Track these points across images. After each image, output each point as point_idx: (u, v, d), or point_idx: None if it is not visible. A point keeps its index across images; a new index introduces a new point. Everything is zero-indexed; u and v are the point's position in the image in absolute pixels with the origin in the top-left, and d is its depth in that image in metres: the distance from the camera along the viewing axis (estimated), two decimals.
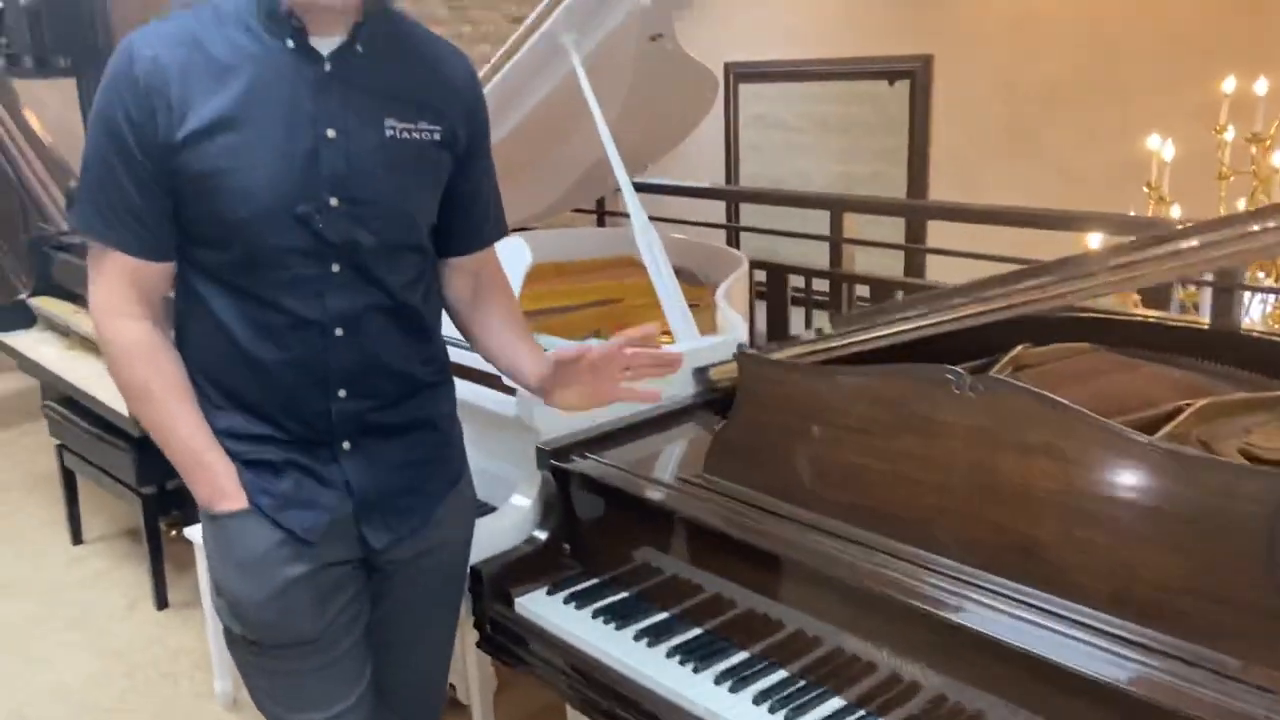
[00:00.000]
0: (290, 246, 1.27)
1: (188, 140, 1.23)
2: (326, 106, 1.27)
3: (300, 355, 1.31)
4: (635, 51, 2.47)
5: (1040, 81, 5.49)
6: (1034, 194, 5.57)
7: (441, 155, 1.37)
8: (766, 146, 7.00)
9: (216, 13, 1.27)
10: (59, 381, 3.18)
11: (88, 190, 1.28)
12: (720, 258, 2.99)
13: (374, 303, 1.33)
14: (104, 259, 1.29)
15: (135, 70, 1.23)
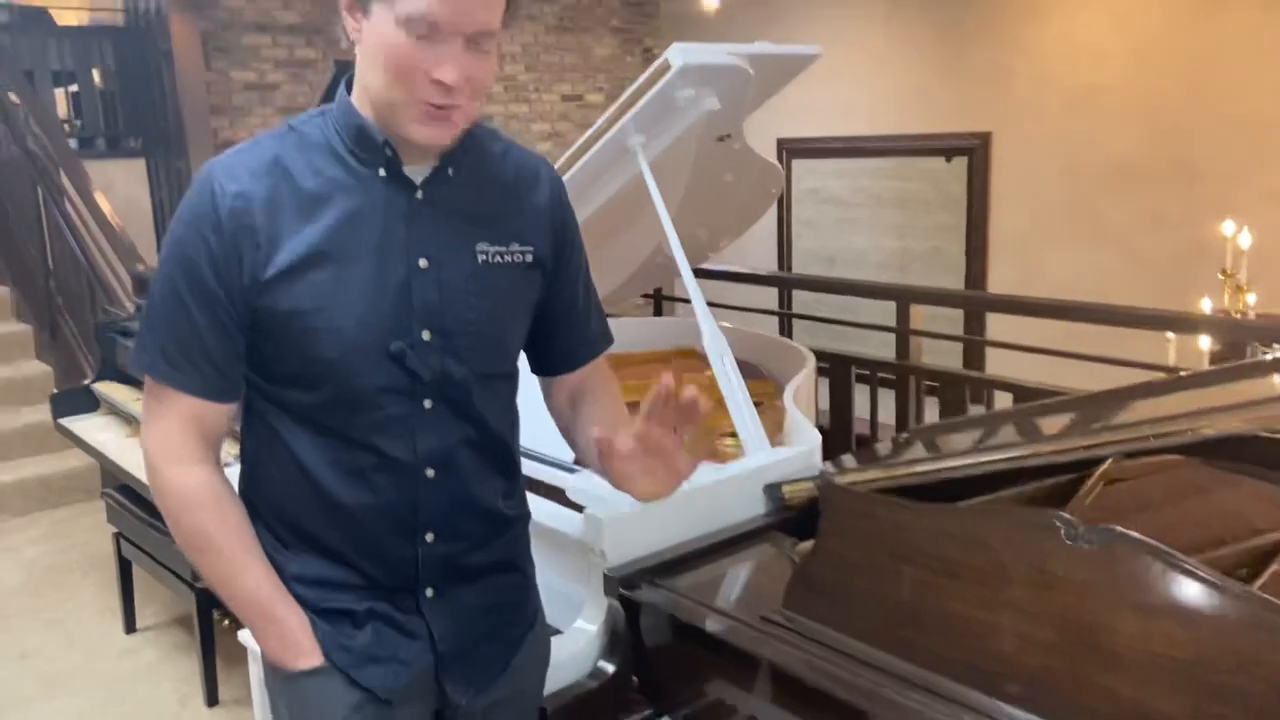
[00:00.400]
0: (382, 385, 1.20)
1: (277, 278, 1.17)
2: (419, 235, 1.21)
3: (388, 499, 1.24)
4: (702, 150, 2.45)
5: (1102, 161, 5.40)
6: (1098, 276, 5.46)
7: (533, 276, 1.32)
8: (821, 222, 6.97)
9: (301, 140, 1.22)
10: (117, 469, 3.18)
11: (153, 330, 1.21)
12: (783, 352, 2.93)
13: (465, 439, 1.27)
14: (165, 400, 1.21)
15: (219, 207, 1.17)
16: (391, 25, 1.11)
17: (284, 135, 1.23)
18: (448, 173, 1.24)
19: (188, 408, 1.21)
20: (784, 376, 2.93)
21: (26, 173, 5.04)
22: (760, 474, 1.89)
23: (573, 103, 7.29)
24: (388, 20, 1.12)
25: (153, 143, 5.90)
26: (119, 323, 3.69)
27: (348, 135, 1.21)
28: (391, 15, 1.11)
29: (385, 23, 1.12)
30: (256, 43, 5.96)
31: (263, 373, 1.24)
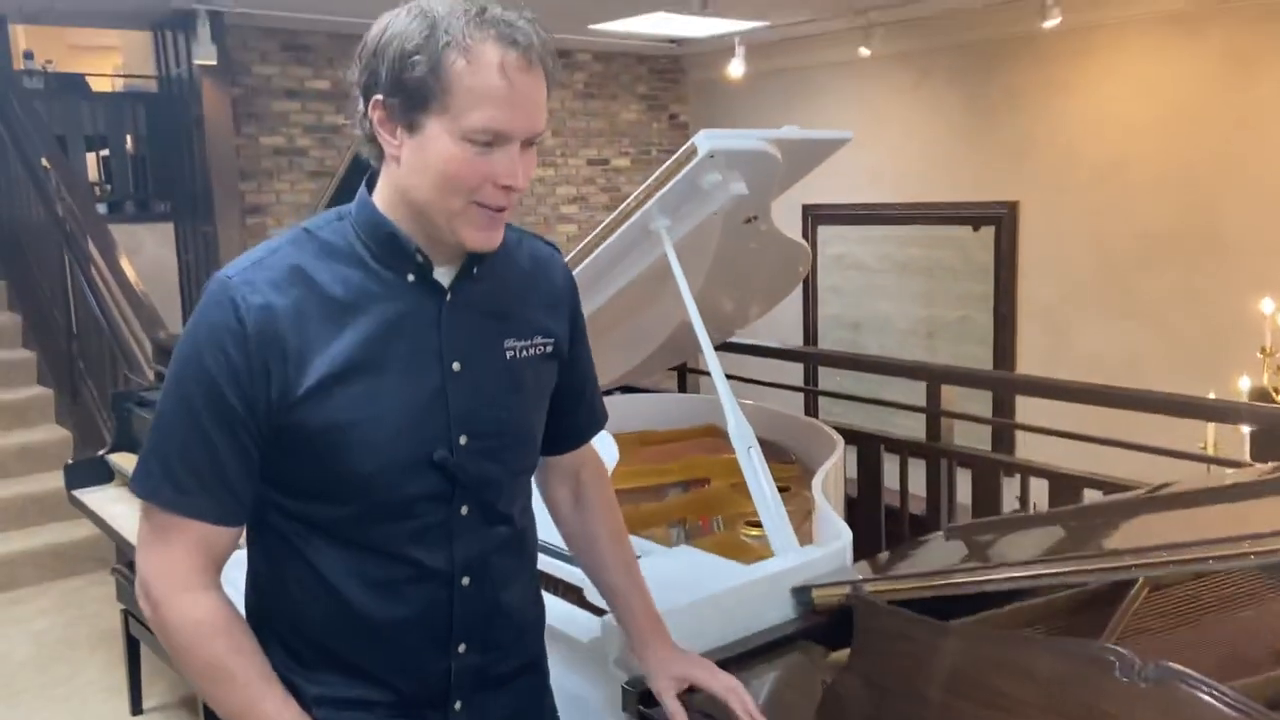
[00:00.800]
0: (419, 494, 1.17)
1: (309, 393, 1.11)
2: (451, 339, 1.19)
3: (421, 611, 1.19)
4: (728, 230, 2.39)
5: (1132, 233, 5.33)
6: (1130, 349, 5.35)
7: (552, 366, 1.32)
8: (847, 289, 6.90)
9: (322, 246, 1.16)
10: (126, 545, 3.12)
11: (160, 452, 1.12)
12: (811, 434, 2.84)
13: (499, 541, 1.25)
14: (169, 527, 1.12)
15: (243, 321, 1.10)
16: (452, 139, 1.10)
17: (301, 241, 1.17)
18: (473, 271, 1.22)
19: (196, 533, 1.13)
20: (811, 459, 2.84)
21: (54, 237, 5.07)
22: (788, 576, 1.80)
23: (598, 167, 7.31)
24: (446, 135, 1.10)
25: (181, 206, 5.94)
26: (136, 393, 3.66)
27: (374, 241, 1.17)
28: (453, 129, 1.10)
29: (443, 137, 1.10)
30: (286, 109, 6.02)
31: (281, 487, 1.17)
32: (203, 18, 5.13)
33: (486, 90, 1.08)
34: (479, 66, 1.08)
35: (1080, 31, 5.27)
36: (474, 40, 1.08)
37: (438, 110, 1.09)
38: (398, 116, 1.11)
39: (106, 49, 8.23)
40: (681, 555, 1.94)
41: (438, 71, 1.08)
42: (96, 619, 3.99)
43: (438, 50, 1.08)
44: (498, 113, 1.09)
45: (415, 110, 1.10)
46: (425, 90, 1.08)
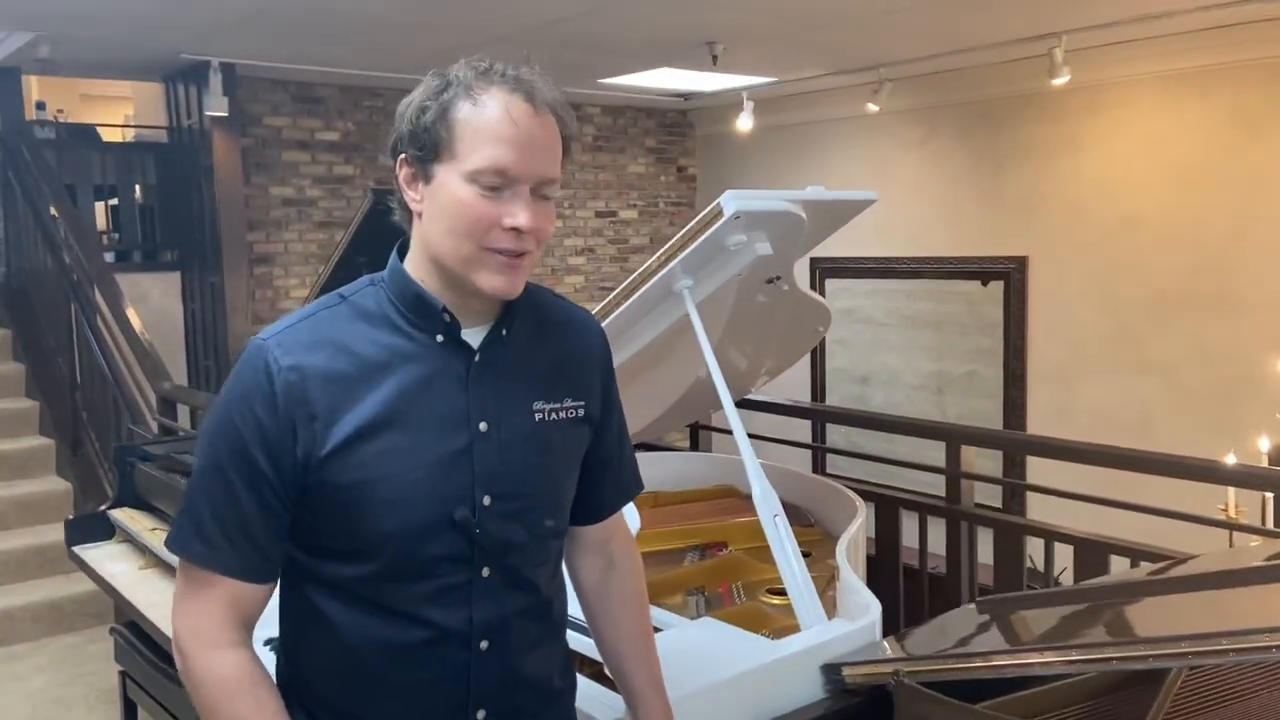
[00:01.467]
0: (441, 554, 1.16)
1: (335, 451, 1.14)
2: (479, 399, 1.20)
3: (439, 675, 1.18)
4: (748, 291, 2.35)
5: (1143, 289, 5.30)
6: (1141, 406, 5.30)
7: (583, 431, 1.32)
8: (855, 342, 6.87)
9: (354, 309, 1.20)
10: (127, 605, 3.03)
11: (192, 509, 1.17)
12: (831, 497, 2.78)
13: (521, 606, 1.23)
14: (201, 582, 1.16)
15: (273, 382, 1.14)
16: (460, 182, 1.13)
17: (336, 306, 1.21)
18: (502, 333, 1.23)
19: (226, 590, 1.15)
20: (830, 523, 2.78)
21: (61, 286, 5.05)
22: (817, 652, 1.74)
23: (606, 219, 7.32)
24: (455, 178, 1.14)
25: (189, 256, 5.93)
26: (139, 447, 3.60)
27: (404, 304, 1.20)
28: (459, 172, 1.13)
29: (452, 181, 1.14)
30: (296, 159, 6.04)
31: (305, 547, 1.19)
32: (215, 69, 5.16)
33: (490, 131, 1.12)
34: (483, 109, 1.13)
35: (1090, 89, 5.29)
36: (480, 87, 1.14)
37: (447, 157, 1.13)
38: (419, 171, 1.16)
39: (118, 99, 8.29)
40: (705, 629, 1.88)
41: (446, 118, 1.13)
42: (94, 678, 3.89)
43: (447, 100, 1.13)
44: (499, 152, 1.12)
45: (429, 160, 1.14)
46: (435, 138, 1.13)
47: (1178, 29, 4.74)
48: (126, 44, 4.94)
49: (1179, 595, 1.85)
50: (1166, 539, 2.75)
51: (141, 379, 4.43)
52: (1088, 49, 4.96)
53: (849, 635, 1.79)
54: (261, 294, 5.91)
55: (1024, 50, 5.12)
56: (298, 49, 5.09)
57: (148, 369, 4.36)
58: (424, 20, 4.30)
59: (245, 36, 4.76)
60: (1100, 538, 2.70)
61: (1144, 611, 1.85)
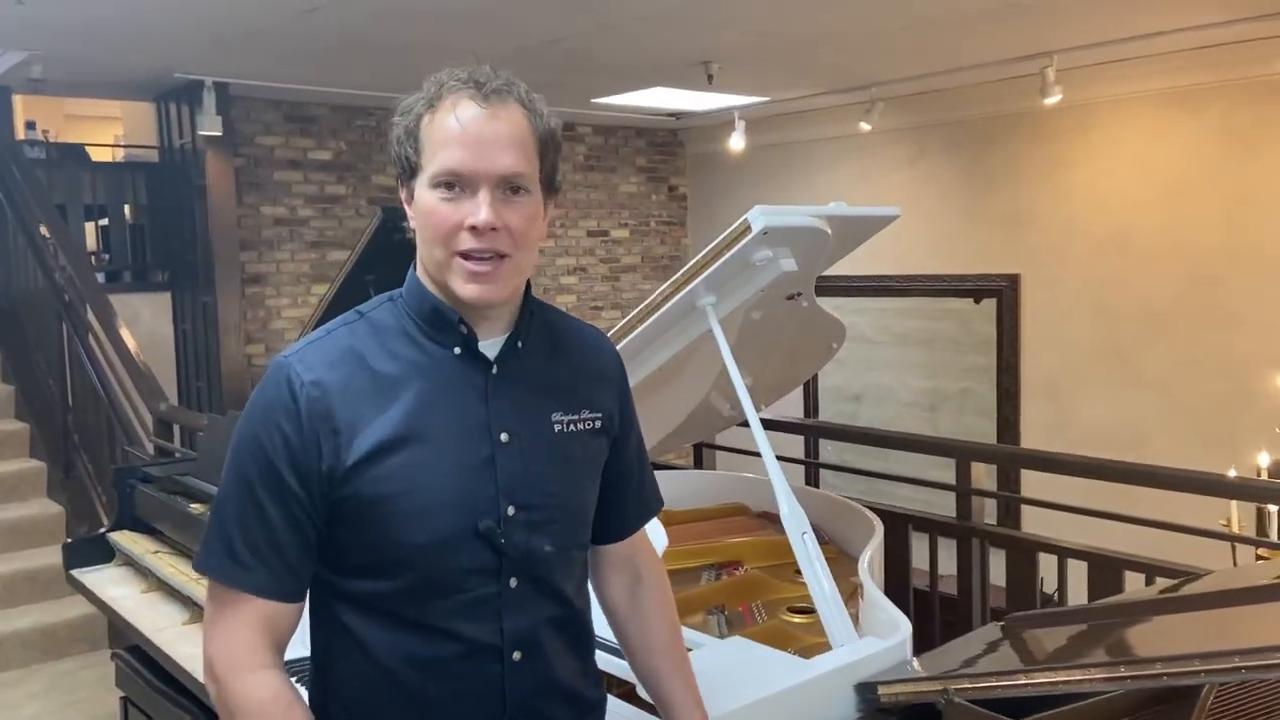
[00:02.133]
0: (469, 566, 1.16)
1: (359, 464, 1.14)
2: (499, 410, 1.21)
3: (473, 688, 1.17)
4: (768, 307, 2.35)
5: (1135, 305, 5.34)
6: (1136, 422, 5.33)
7: (602, 442, 1.32)
8: (848, 360, 6.87)
9: (373, 325, 1.22)
10: (130, 630, 2.98)
11: (220, 528, 1.17)
12: (848, 516, 2.77)
13: (550, 616, 1.23)
14: (231, 604, 1.15)
15: (296, 397, 1.15)
16: (426, 190, 1.16)
17: (354, 323, 1.23)
18: (518, 345, 1.24)
19: (257, 610, 1.14)
20: (846, 542, 2.77)
21: (52, 306, 4.99)
22: (850, 671, 1.72)
23: (598, 238, 7.32)
24: (423, 188, 1.17)
25: (180, 276, 5.88)
26: (139, 469, 3.55)
27: (421, 317, 1.21)
28: (423, 183, 1.17)
29: (422, 191, 1.17)
30: (288, 179, 6.01)
31: (334, 566, 1.18)
32: (209, 89, 5.13)
33: (442, 136, 1.15)
34: (437, 117, 1.16)
35: (1081, 107, 5.35)
36: (438, 99, 1.17)
37: (418, 170, 1.17)
38: (406, 191, 1.21)
39: (107, 119, 8.24)
40: (735, 648, 1.86)
41: (413, 134, 1.17)
42: (88, 704, 3.82)
43: (413, 118, 1.17)
44: (449, 154, 1.14)
45: (408, 177, 1.19)
46: (406, 154, 1.18)
47: (1168, 48, 4.80)
48: (120, 64, 4.91)
49: (1209, 611, 1.84)
50: (1166, 553, 2.76)
51: (136, 400, 4.38)
52: (1079, 68, 5.02)
53: (881, 654, 1.78)
54: (253, 314, 5.87)
55: (1015, 70, 5.17)
56: (291, 69, 5.07)
57: (143, 390, 4.31)
58: (417, 41, 4.29)
59: (239, 56, 4.74)
60: (1114, 554, 2.71)
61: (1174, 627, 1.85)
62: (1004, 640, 1.85)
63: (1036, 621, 1.94)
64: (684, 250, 7.67)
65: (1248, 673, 1.33)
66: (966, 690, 1.47)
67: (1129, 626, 1.89)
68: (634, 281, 7.48)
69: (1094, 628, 1.90)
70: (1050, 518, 3.26)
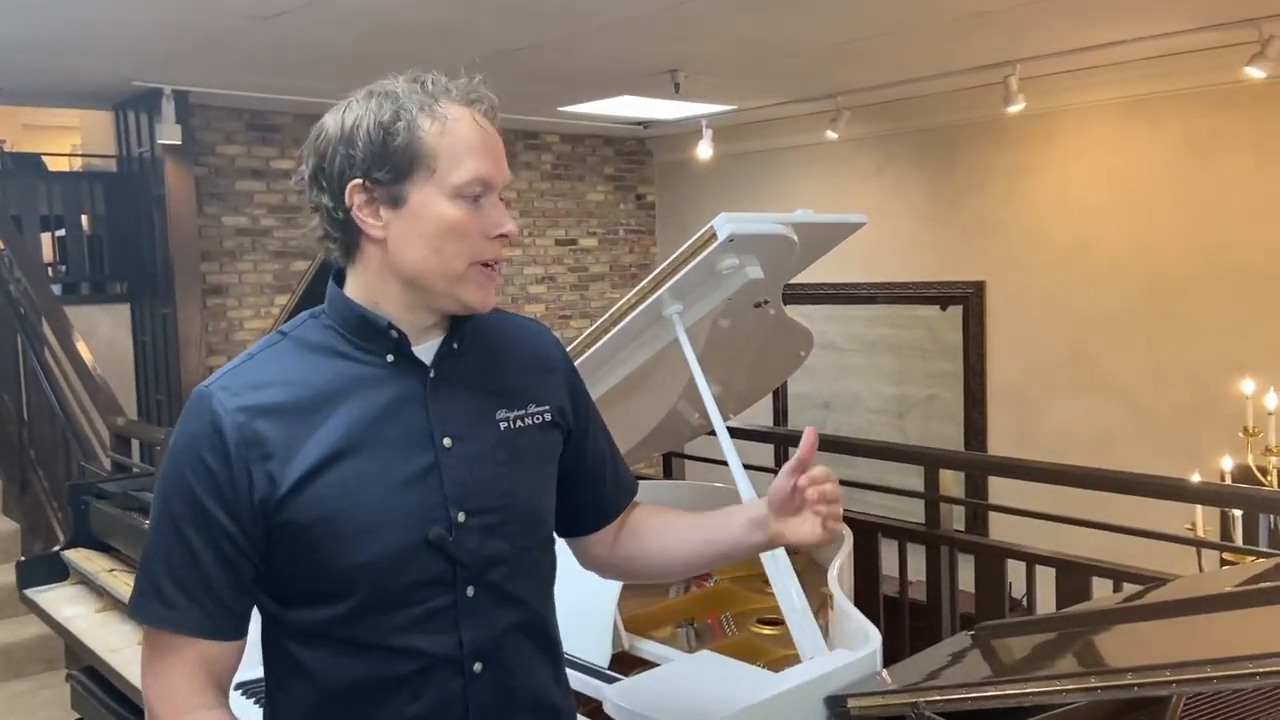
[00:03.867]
0: (421, 579, 1.12)
1: (296, 487, 1.09)
2: (439, 415, 1.17)
3: (435, 705, 1.13)
4: (734, 315, 2.33)
5: (1099, 312, 5.39)
6: (1100, 427, 5.37)
7: (553, 436, 1.29)
8: (817, 367, 6.88)
9: (297, 343, 1.18)
10: (85, 650, 2.91)
11: (149, 570, 1.12)
12: None
13: (511, 623, 1.19)
14: (168, 647, 1.11)
15: (221, 427, 1.09)
16: (443, 200, 1.12)
17: (277, 343, 1.19)
18: (453, 346, 1.21)
19: (193, 651, 1.10)
20: (816, 552, 2.75)
21: (7, 319, 4.88)
22: (820, 684, 1.69)
23: (566, 247, 7.29)
24: (436, 198, 1.12)
25: (139, 287, 5.78)
26: (94, 484, 3.48)
27: (348, 329, 1.17)
28: (442, 191, 1.12)
29: (434, 201, 1.12)
30: (250, 188, 5.93)
31: (277, 597, 1.13)
32: (168, 97, 5.05)
33: (467, 144, 1.12)
34: (452, 125, 1.12)
35: (1043, 116, 5.39)
36: (439, 104, 1.13)
37: (423, 178, 1.11)
38: (380, 195, 1.13)
39: (64, 129, 8.10)
40: (704, 663, 1.83)
41: (416, 139, 1.11)
42: None
43: (411, 120, 1.11)
44: (480, 163, 1.13)
45: (399, 183, 1.12)
46: (408, 160, 1.11)
47: (1129, 57, 4.85)
48: (76, 71, 4.82)
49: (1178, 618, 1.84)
50: (1133, 558, 2.77)
51: (94, 414, 4.29)
52: (1041, 76, 5.06)
53: (851, 666, 1.75)
54: (215, 325, 5.77)
55: (979, 79, 5.21)
56: (252, 77, 5.00)
57: (100, 404, 4.22)
58: (379, 49, 4.25)
59: (198, 64, 4.67)
60: (1083, 560, 2.71)
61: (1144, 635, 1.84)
62: (973, 649, 1.83)
63: (1006, 630, 1.93)
64: (653, 259, 7.65)
65: (1219, 683, 1.31)
66: (936, 703, 1.45)
67: (1098, 634, 1.88)
68: (602, 290, 7.45)
69: (1063, 636, 1.89)
70: (1017, 524, 3.27)
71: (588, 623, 1.90)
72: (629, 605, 2.24)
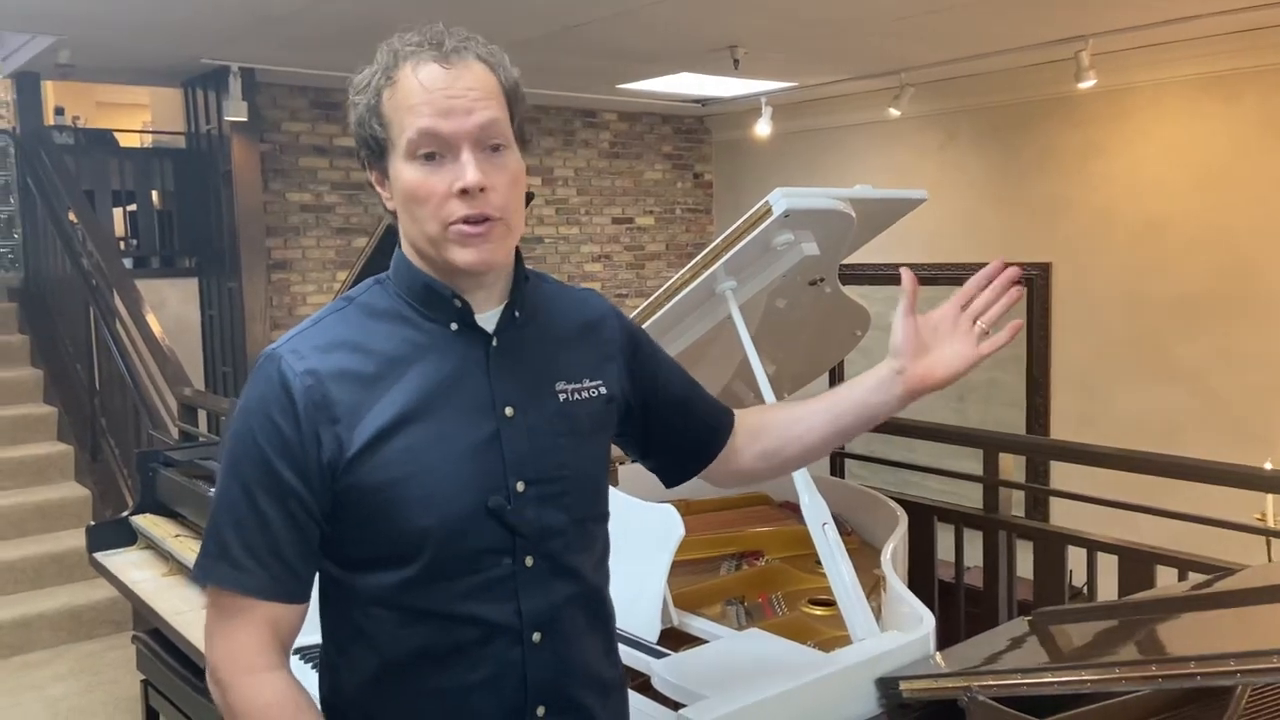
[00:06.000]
0: (481, 547, 1.12)
1: (362, 451, 1.10)
2: (501, 384, 1.17)
3: (494, 673, 1.14)
4: (789, 293, 2.30)
5: (1169, 294, 5.24)
6: (1168, 413, 5.23)
7: (609, 410, 1.28)
8: (874, 349, 6.76)
9: (364, 308, 1.18)
10: (151, 612, 2.99)
11: (216, 532, 1.12)
12: (870, 506, 2.72)
13: (568, 595, 1.19)
14: (232, 608, 1.11)
15: (291, 388, 1.10)
16: (403, 164, 1.11)
17: (344, 308, 1.19)
18: (515, 315, 1.21)
19: (258, 613, 1.11)
20: (867, 532, 2.72)
21: (80, 292, 5.02)
22: (871, 665, 1.68)
23: (623, 225, 7.28)
24: (399, 162, 1.12)
25: (207, 262, 5.91)
26: (162, 453, 3.56)
27: (412, 296, 1.17)
28: (400, 155, 1.11)
29: (398, 166, 1.12)
30: (314, 165, 6.01)
31: (342, 561, 1.15)
32: (235, 75, 5.13)
33: (409, 104, 1.09)
34: (399, 87, 1.10)
35: (1115, 93, 5.24)
36: (395, 68, 1.11)
37: (390, 147, 1.12)
38: (377, 170, 1.15)
39: (135, 106, 8.29)
40: (754, 640, 1.82)
41: (376, 111, 1.12)
42: (113, 686, 3.85)
43: (372, 91, 1.12)
44: (420, 119, 1.09)
45: (379, 156, 1.13)
46: (373, 132, 1.12)
47: (1205, 32, 4.68)
48: (148, 49, 4.92)
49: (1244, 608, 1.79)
50: (1199, 548, 2.69)
51: (162, 385, 4.40)
52: (1114, 52, 4.91)
53: (903, 648, 1.74)
54: (279, 300, 5.88)
55: (1047, 54, 5.07)
56: (315, 54, 5.06)
57: (168, 375, 4.33)
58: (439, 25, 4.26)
59: (265, 42, 4.74)
60: (1147, 548, 2.64)
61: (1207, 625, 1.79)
62: (1030, 636, 1.80)
63: (1065, 617, 1.89)
64: (709, 238, 7.62)
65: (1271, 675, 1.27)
66: (990, 687, 1.42)
67: (1160, 623, 1.83)
68: (658, 269, 7.44)
69: (1124, 624, 1.84)
70: (1077, 511, 3.19)
71: (638, 598, 1.91)
72: (678, 582, 2.24)
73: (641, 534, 1.98)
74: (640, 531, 1.97)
